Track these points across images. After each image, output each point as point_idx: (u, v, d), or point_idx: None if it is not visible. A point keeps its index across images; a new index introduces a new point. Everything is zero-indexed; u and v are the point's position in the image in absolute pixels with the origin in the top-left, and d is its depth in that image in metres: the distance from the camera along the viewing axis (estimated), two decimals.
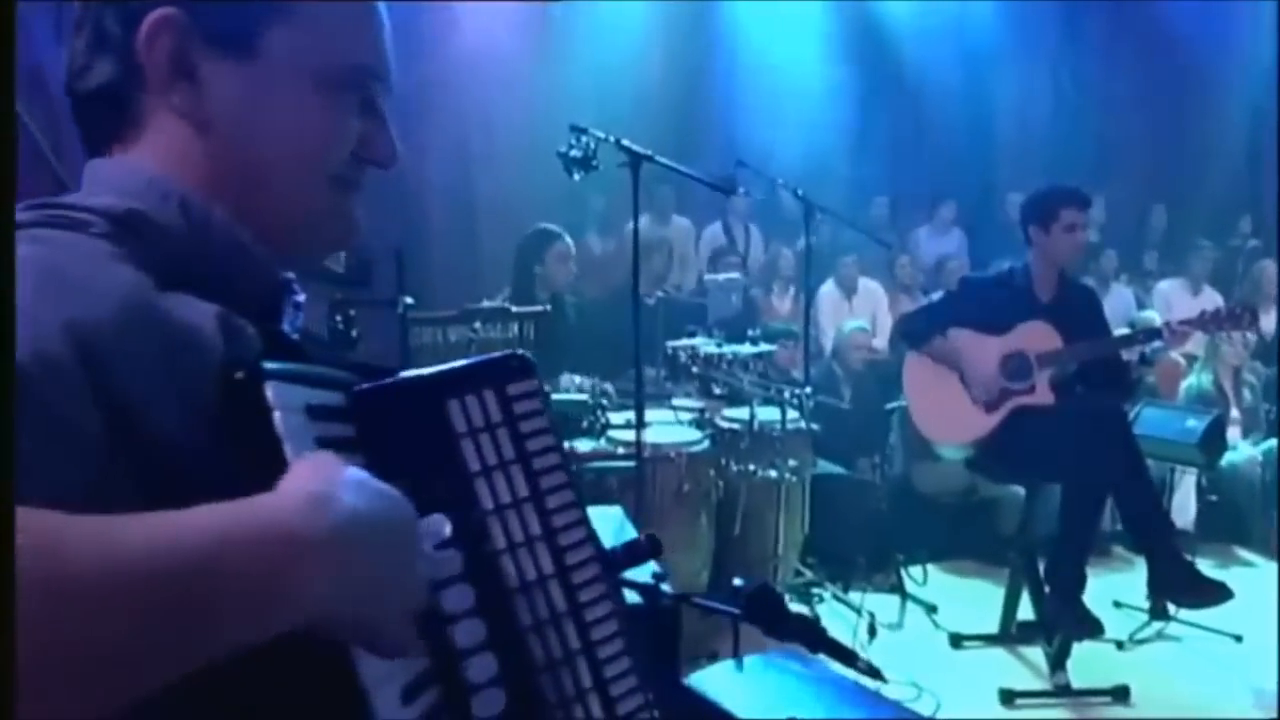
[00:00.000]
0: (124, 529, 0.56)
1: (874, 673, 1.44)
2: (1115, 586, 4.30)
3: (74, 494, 0.60)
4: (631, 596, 1.32)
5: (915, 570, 4.53)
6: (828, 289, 6.59)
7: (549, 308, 4.07)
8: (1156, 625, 4.06)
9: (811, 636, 1.36)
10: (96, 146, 0.84)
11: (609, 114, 4.53)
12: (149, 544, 0.56)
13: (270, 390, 0.72)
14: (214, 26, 0.81)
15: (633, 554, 1.07)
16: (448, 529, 0.79)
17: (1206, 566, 4.04)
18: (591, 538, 0.93)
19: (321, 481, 0.65)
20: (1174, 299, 6.63)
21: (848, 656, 1.39)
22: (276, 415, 0.71)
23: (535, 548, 0.87)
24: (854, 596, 4.21)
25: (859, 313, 6.37)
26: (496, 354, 0.92)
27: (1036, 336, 3.72)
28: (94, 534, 0.54)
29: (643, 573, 1.27)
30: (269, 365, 0.73)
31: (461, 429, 0.85)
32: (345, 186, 0.89)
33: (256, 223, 0.83)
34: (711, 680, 1.99)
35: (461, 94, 6.65)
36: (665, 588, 1.43)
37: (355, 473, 0.68)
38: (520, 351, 0.93)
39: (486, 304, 3.64)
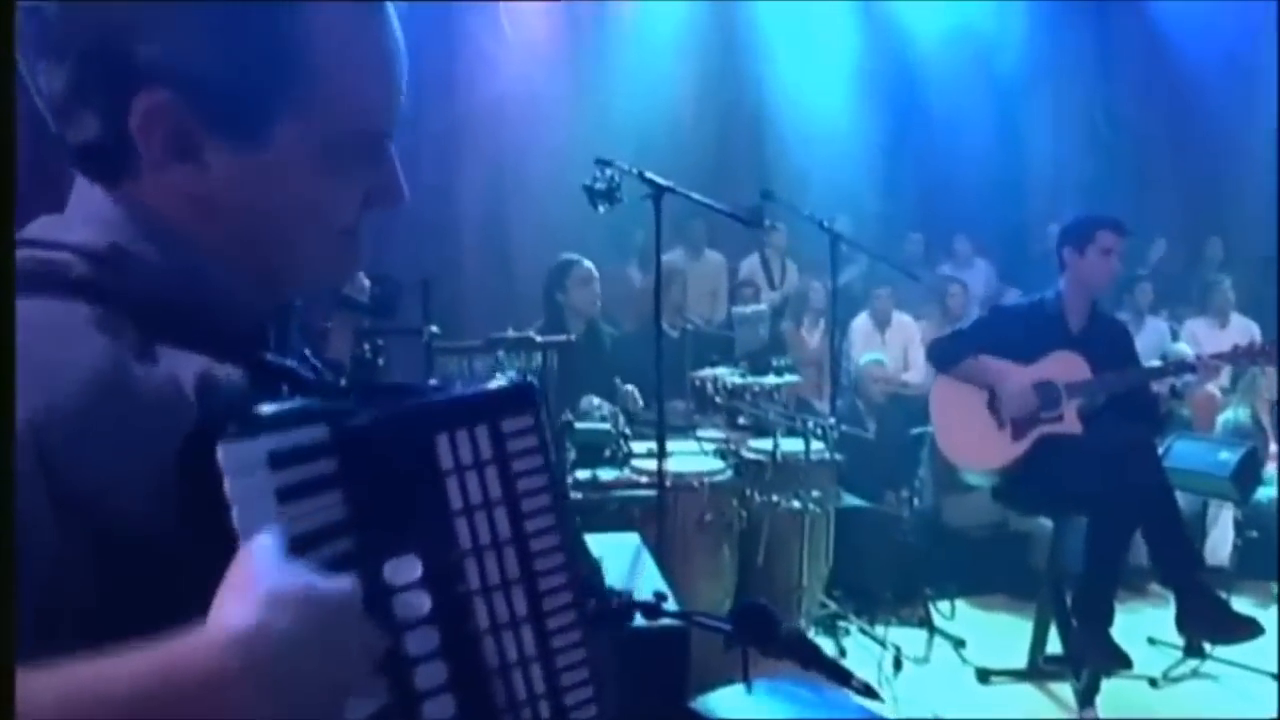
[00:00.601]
0: (38, 691, 0.56)
1: (869, 692, 1.43)
2: (1150, 623, 4.22)
3: (24, 604, 0.62)
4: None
5: (943, 604, 4.49)
6: (860, 321, 6.60)
7: (573, 337, 4.10)
8: (1191, 663, 3.97)
9: (803, 654, 1.34)
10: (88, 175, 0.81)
11: (644, 152, 4.58)
12: (59, 709, 0.57)
13: (221, 453, 0.69)
14: (218, 113, 0.76)
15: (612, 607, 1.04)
16: (419, 570, 0.78)
17: (1245, 604, 3.97)
18: (572, 583, 0.88)
19: (249, 610, 0.62)
20: (1201, 335, 6.58)
21: (841, 675, 1.39)
22: (226, 481, 0.69)
23: (510, 590, 0.84)
24: (879, 630, 4.18)
25: (891, 345, 6.37)
26: (496, 385, 0.87)
27: (1066, 366, 3.70)
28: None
29: (643, 590, 1.29)
30: (229, 426, 0.70)
31: (448, 466, 0.82)
32: (350, 236, 0.86)
33: (253, 269, 0.82)
34: (719, 704, 1.99)
35: (496, 133, 6.78)
36: (669, 606, 1.44)
37: (288, 579, 0.65)
38: (527, 380, 0.88)
39: (512, 333, 3.69)
